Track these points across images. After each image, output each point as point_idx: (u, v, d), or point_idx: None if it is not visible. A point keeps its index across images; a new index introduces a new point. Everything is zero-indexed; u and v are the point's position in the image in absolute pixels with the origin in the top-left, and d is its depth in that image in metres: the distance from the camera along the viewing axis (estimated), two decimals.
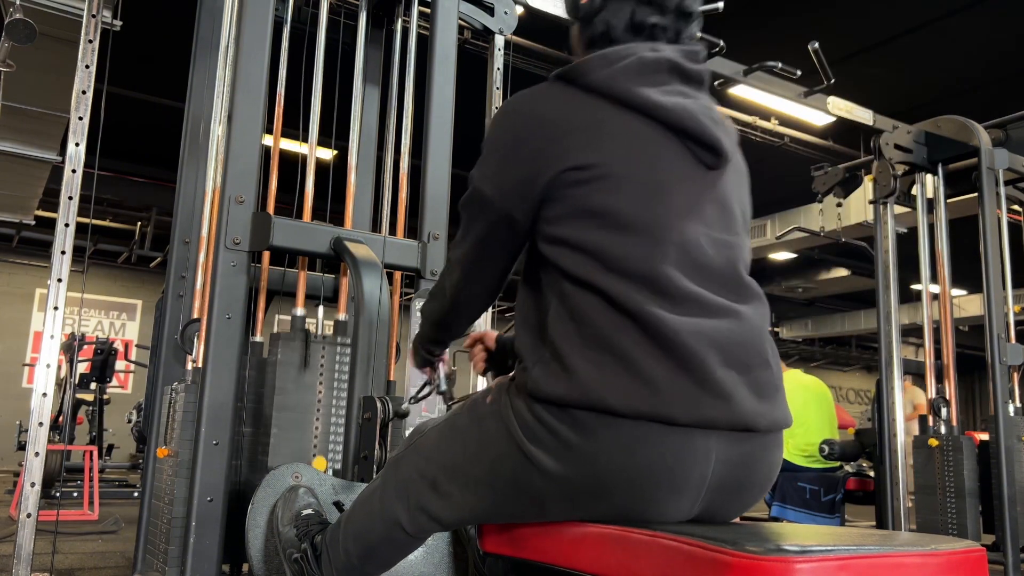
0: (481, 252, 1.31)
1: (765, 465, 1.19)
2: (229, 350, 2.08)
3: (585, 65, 1.24)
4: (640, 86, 1.21)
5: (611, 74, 1.21)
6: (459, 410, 1.35)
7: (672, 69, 1.25)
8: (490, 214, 1.26)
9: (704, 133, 1.21)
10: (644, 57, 1.23)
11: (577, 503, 1.15)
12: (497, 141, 1.27)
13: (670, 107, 1.20)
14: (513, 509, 1.24)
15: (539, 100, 1.25)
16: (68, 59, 2.83)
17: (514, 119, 1.26)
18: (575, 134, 1.19)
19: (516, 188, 1.22)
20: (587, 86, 1.22)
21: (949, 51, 6.25)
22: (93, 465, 5.48)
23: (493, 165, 1.26)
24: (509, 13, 3.11)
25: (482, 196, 1.26)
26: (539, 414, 1.15)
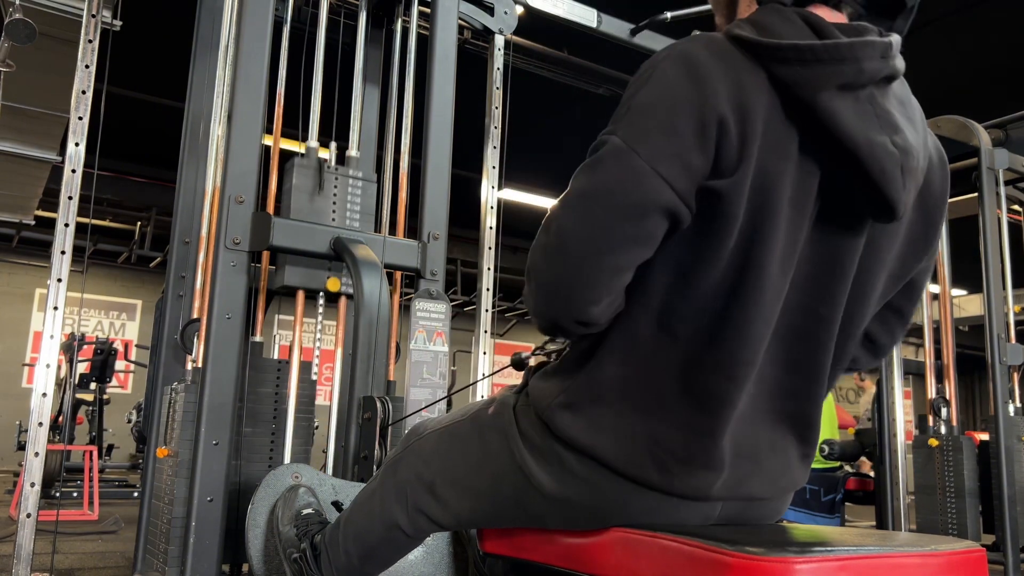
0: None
1: (773, 509, 1.17)
2: (229, 350, 2.08)
3: (783, 47, 0.96)
4: (858, 121, 0.97)
5: (814, 77, 0.96)
6: (460, 416, 1.32)
7: (873, 76, 0.99)
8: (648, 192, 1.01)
9: (887, 191, 0.99)
10: (865, 68, 0.97)
11: (575, 522, 1.14)
12: (644, 101, 1.00)
13: (878, 145, 0.97)
14: (512, 520, 1.23)
15: (702, 62, 0.98)
16: (68, 59, 2.83)
17: (670, 77, 0.99)
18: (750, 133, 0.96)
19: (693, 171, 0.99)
20: (778, 76, 0.97)
21: (949, 51, 6.25)
22: (93, 465, 5.49)
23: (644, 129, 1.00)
24: (509, 13, 3.12)
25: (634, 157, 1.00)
26: (549, 443, 1.10)
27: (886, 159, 0.98)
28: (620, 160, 0.97)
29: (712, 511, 1.08)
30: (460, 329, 6.98)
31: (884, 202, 1.00)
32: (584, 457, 1.07)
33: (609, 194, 0.97)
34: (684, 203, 0.97)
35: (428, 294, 2.46)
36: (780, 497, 1.15)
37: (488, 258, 3.05)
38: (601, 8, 3.54)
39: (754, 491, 1.08)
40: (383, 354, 2.15)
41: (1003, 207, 4.37)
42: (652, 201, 0.96)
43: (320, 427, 2.99)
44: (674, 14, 3.48)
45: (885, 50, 1.00)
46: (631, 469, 1.04)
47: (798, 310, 1.06)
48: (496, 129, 3.10)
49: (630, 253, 0.99)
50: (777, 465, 1.10)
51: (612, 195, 0.97)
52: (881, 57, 0.99)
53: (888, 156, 0.98)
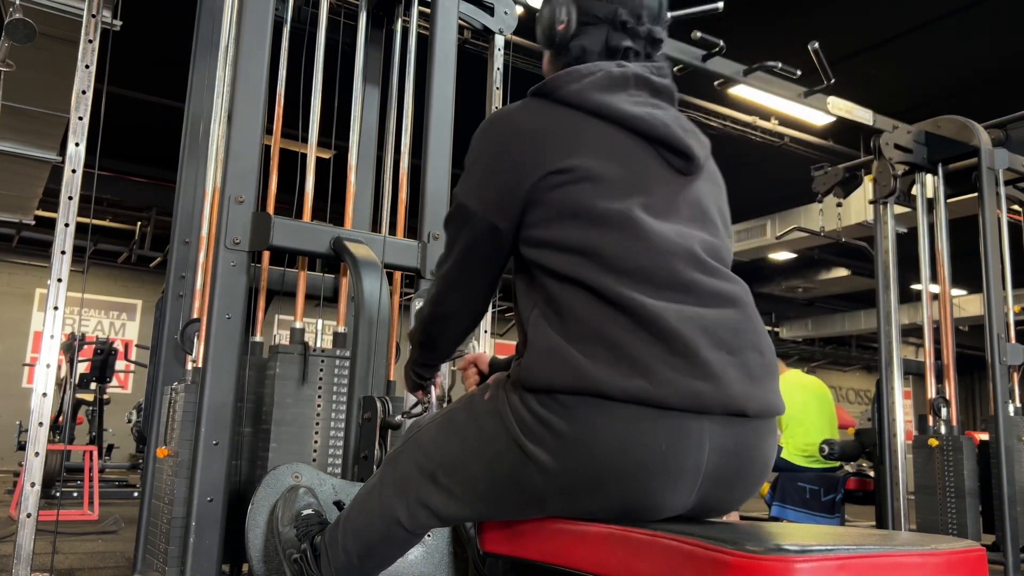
0: (466, 264, 1.35)
1: (760, 452, 1.20)
2: (229, 350, 2.08)
3: (556, 80, 1.30)
4: (611, 96, 1.27)
5: (582, 87, 1.28)
6: (457, 405, 1.36)
7: (640, 82, 1.31)
8: (475, 226, 1.30)
9: (675, 140, 1.27)
10: (611, 71, 1.30)
11: (575, 498, 1.16)
12: (479, 155, 1.33)
13: (641, 115, 1.26)
14: (512, 505, 1.24)
15: (516, 114, 1.31)
16: (68, 59, 2.84)
17: (493, 133, 1.32)
18: (553, 142, 1.25)
19: (499, 198, 1.27)
20: (561, 99, 1.29)
21: (949, 51, 6.25)
22: (93, 465, 5.49)
23: (476, 178, 1.32)
24: (509, 13, 3.12)
25: (465, 209, 1.31)
26: (532, 406, 1.17)
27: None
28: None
29: (701, 430, 1.12)
30: None
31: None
32: (569, 405, 1.13)
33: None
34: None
35: (424, 299, 2.46)
36: (764, 427, 1.19)
37: None
38: None
39: (736, 391, 1.14)
40: (383, 354, 2.15)
41: (1003, 207, 4.37)
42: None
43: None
44: (674, 14, 3.48)
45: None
46: (608, 382, 1.11)
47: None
48: None
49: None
50: (752, 359, 1.18)
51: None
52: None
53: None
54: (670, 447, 1.11)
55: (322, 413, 2.29)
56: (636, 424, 1.11)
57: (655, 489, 1.12)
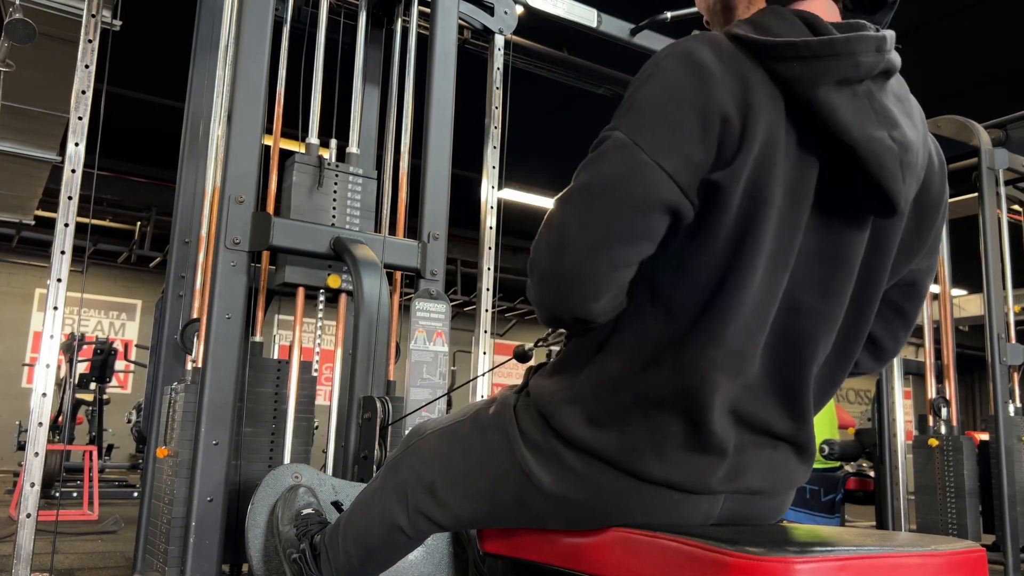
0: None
1: (774, 510, 1.16)
2: (229, 350, 2.08)
3: (783, 45, 0.98)
4: (856, 115, 0.98)
5: (815, 73, 0.97)
6: (461, 416, 1.32)
7: (871, 69, 1.00)
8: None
9: (889, 183, 0.99)
10: (860, 60, 0.98)
11: (577, 522, 1.14)
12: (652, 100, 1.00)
13: (878, 140, 0.98)
14: (513, 519, 1.23)
15: (704, 59, 0.98)
16: (68, 59, 2.83)
17: (673, 75, 0.99)
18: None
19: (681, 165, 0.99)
20: (779, 75, 0.98)
21: (949, 51, 6.25)
22: (93, 465, 5.49)
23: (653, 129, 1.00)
24: (509, 13, 3.12)
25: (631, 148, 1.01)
26: (549, 441, 1.10)
27: (884, 154, 0.98)
28: (623, 154, 0.97)
29: (713, 508, 1.08)
30: (460, 329, 6.98)
31: (883, 196, 1.00)
32: (584, 454, 1.06)
33: (611, 188, 0.97)
34: (687, 197, 0.97)
35: (428, 294, 2.46)
36: (781, 493, 1.14)
37: (488, 258, 3.05)
38: (601, 8, 3.54)
39: (754, 483, 1.07)
40: (383, 354, 2.15)
41: (1003, 207, 4.37)
42: (654, 195, 0.96)
43: (320, 427, 2.99)
44: (674, 14, 3.48)
45: (880, 44, 1.01)
46: (631, 461, 1.04)
47: (801, 308, 1.06)
48: (496, 129, 3.10)
49: (632, 248, 0.99)
50: (777, 457, 1.10)
51: (614, 189, 0.97)
52: (876, 51, 1.00)
53: (886, 151, 0.98)
54: (682, 510, 1.07)
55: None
56: (647, 491, 1.06)
57: (660, 524, 1.10)
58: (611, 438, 1.04)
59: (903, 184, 1.00)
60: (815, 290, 1.06)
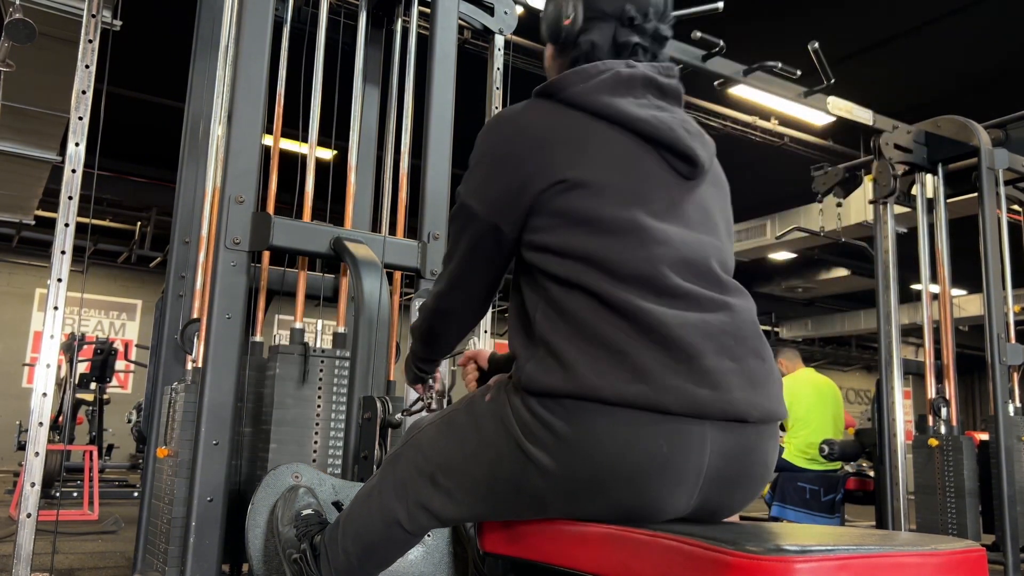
0: (469, 264, 1.35)
1: (760, 456, 1.20)
2: (229, 350, 2.08)
3: (564, 80, 1.29)
4: (617, 99, 1.26)
5: (588, 88, 1.27)
6: (457, 406, 1.35)
7: (647, 83, 1.30)
8: (477, 226, 1.30)
9: (679, 144, 1.26)
10: (620, 72, 1.28)
11: (576, 500, 1.16)
12: (483, 155, 1.31)
13: (646, 119, 1.25)
14: (513, 507, 1.24)
15: (522, 115, 1.29)
16: (68, 59, 2.84)
17: (498, 133, 1.31)
18: (558, 146, 1.24)
19: (502, 200, 1.26)
20: (567, 100, 1.27)
21: (949, 51, 6.25)
22: (93, 465, 5.49)
23: (479, 178, 1.30)
24: (509, 13, 3.12)
25: (469, 209, 1.30)
26: (534, 409, 1.17)
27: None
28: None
29: (704, 440, 1.12)
30: None
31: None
32: (567, 401, 1.14)
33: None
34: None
35: (428, 294, 2.46)
36: (765, 431, 1.19)
37: None
38: None
39: (738, 398, 1.13)
40: (383, 354, 2.15)
41: (1003, 207, 4.37)
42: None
43: None
44: (675, 14, 3.47)
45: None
46: (608, 389, 1.11)
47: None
48: None
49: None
50: (754, 365, 1.18)
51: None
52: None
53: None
54: (671, 451, 1.11)
55: (322, 414, 2.28)
56: (637, 428, 1.11)
57: (655, 492, 1.12)
58: (586, 376, 1.13)
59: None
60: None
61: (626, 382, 1.11)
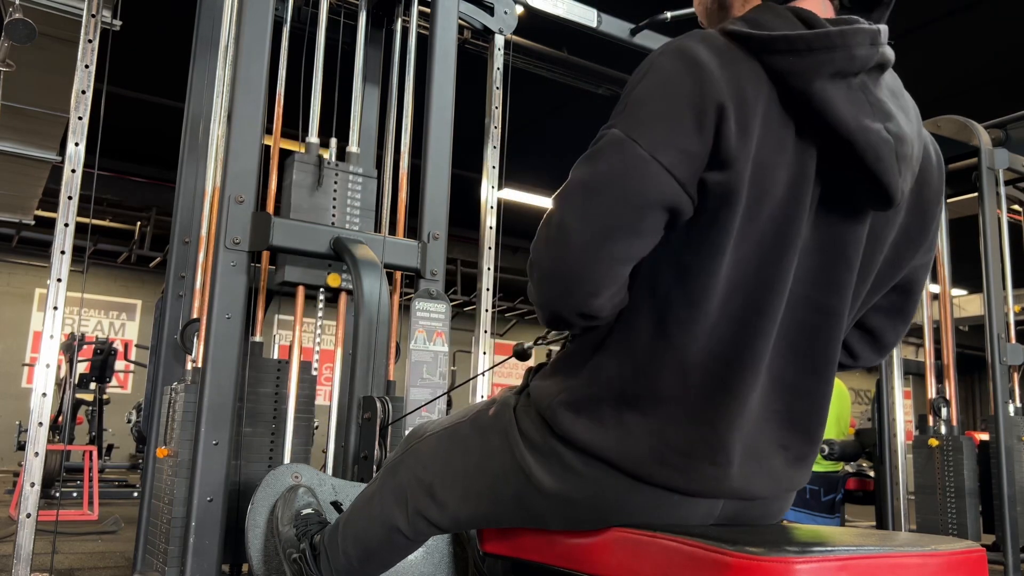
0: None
1: (775, 512, 1.16)
2: (229, 350, 2.08)
3: (779, 40, 0.98)
4: (851, 107, 0.98)
5: (807, 67, 0.97)
6: (461, 418, 1.32)
7: (880, 67, 1.03)
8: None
9: (885, 176, 1.00)
10: (855, 52, 0.98)
11: (577, 523, 1.13)
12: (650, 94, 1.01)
13: (873, 132, 0.99)
14: (513, 519, 1.22)
15: (705, 57, 0.98)
16: (68, 59, 2.83)
17: (671, 67, 0.99)
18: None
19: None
20: (777, 71, 0.98)
21: (949, 51, 6.24)
22: (93, 465, 5.49)
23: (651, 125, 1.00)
24: (509, 13, 3.12)
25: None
26: (549, 441, 1.10)
27: (880, 145, 0.99)
28: (620, 150, 0.97)
29: (713, 509, 1.07)
30: (460, 329, 6.98)
31: (880, 189, 1.01)
32: (585, 455, 1.06)
33: (609, 183, 0.97)
34: (685, 192, 0.97)
35: (428, 294, 2.46)
36: (782, 497, 1.14)
37: (488, 258, 3.05)
38: (601, 8, 3.54)
39: (756, 489, 1.07)
40: (383, 354, 2.15)
41: (1003, 207, 4.37)
42: (652, 189, 0.96)
43: (320, 427, 2.99)
44: (674, 14, 3.48)
45: (874, 37, 1.01)
46: (632, 466, 1.03)
47: (804, 303, 1.06)
48: (496, 129, 3.10)
49: (631, 243, 0.99)
50: (780, 463, 1.09)
51: (612, 184, 0.97)
52: (871, 44, 1.00)
53: (882, 142, 0.99)
54: (682, 512, 1.07)
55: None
56: (647, 492, 1.06)
57: (659, 524, 1.09)
58: (611, 440, 1.04)
59: (899, 176, 1.01)
60: (820, 286, 1.06)
61: (652, 467, 1.03)
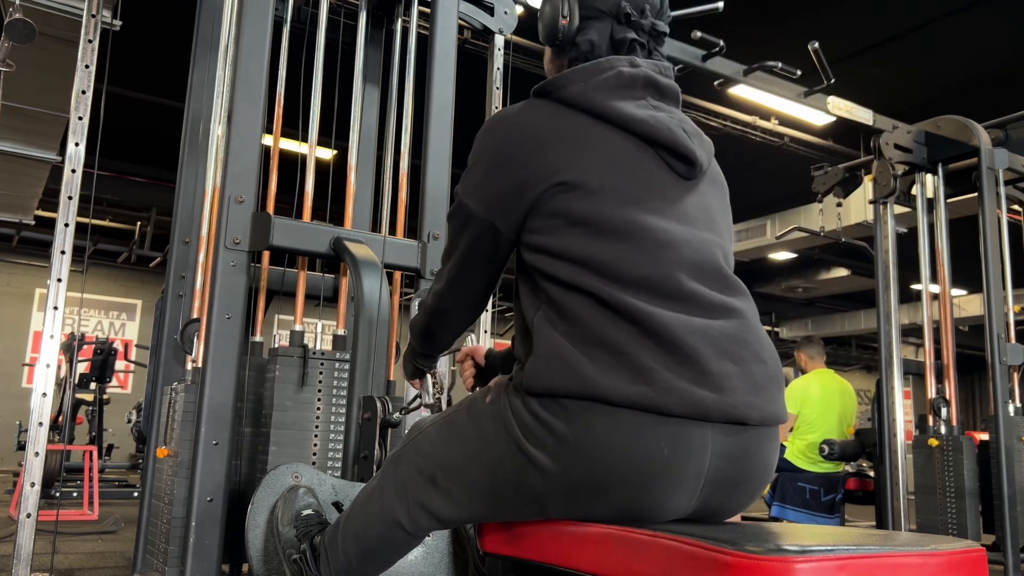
0: (466, 263, 1.35)
1: (761, 458, 1.20)
2: (229, 350, 2.08)
3: (563, 79, 1.28)
4: (616, 100, 1.26)
5: (588, 88, 1.26)
6: (458, 408, 1.35)
7: (647, 83, 1.30)
8: (475, 226, 1.30)
9: (678, 144, 1.25)
10: (623, 72, 1.28)
11: (576, 502, 1.16)
12: (481, 154, 1.31)
13: (644, 119, 1.25)
14: (513, 508, 1.24)
15: (520, 115, 1.29)
16: (68, 59, 2.84)
17: (497, 133, 1.31)
18: (556, 147, 1.23)
19: (500, 200, 1.26)
20: (566, 100, 1.27)
21: (949, 51, 6.24)
22: (93, 465, 5.49)
23: (477, 178, 1.30)
24: (509, 13, 3.12)
25: (467, 209, 1.30)
26: (534, 409, 1.17)
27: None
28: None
29: (704, 439, 1.12)
30: None
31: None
32: (568, 401, 1.13)
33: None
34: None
35: (427, 292, 2.46)
36: (769, 421, 1.18)
37: None
38: None
39: (739, 400, 1.13)
40: (383, 354, 2.15)
41: (1003, 207, 4.37)
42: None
43: None
44: (674, 14, 3.48)
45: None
46: (612, 388, 1.11)
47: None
48: None
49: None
50: (753, 371, 1.17)
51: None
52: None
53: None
54: (672, 452, 1.11)
55: (321, 416, 2.28)
56: (638, 429, 1.11)
57: (656, 493, 1.12)
58: (589, 375, 1.13)
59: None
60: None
61: (628, 382, 1.11)
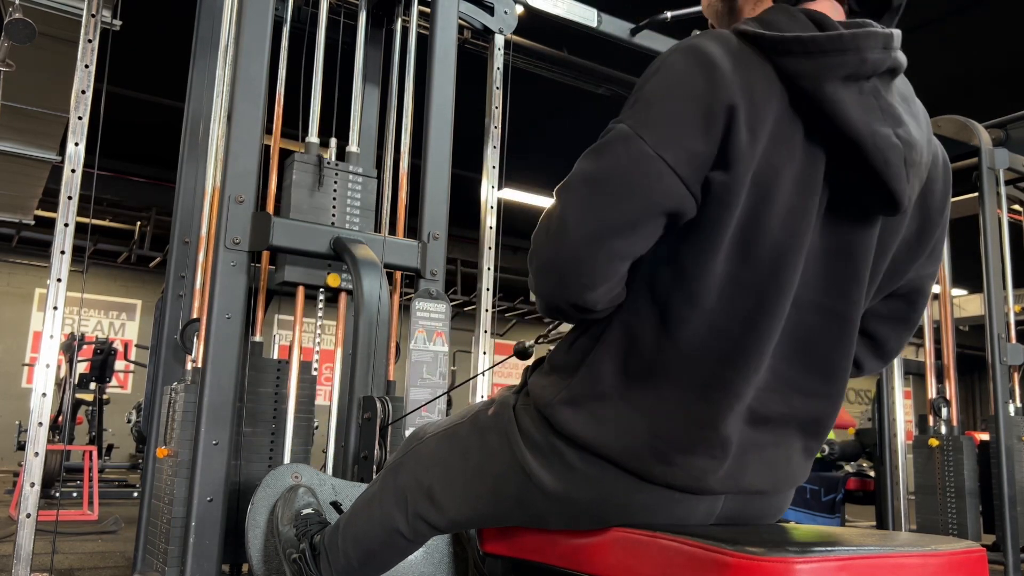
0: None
1: (774, 510, 1.16)
2: (229, 350, 2.08)
3: (792, 41, 0.97)
4: (862, 111, 0.97)
5: (819, 69, 0.96)
6: (460, 419, 1.32)
7: (892, 72, 1.02)
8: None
9: (894, 182, 0.99)
10: (866, 56, 0.98)
11: (577, 523, 1.13)
12: (656, 94, 1.01)
13: (883, 136, 0.98)
14: (513, 520, 1.22)
15: (719, 57, 0.98)
16: (68, 59, 2.83)
17: (680, 66, 0.99)
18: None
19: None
20: (789, 73, 0.98)
21: (949, 51, 6.24)
22: (93, 465, 5.49)
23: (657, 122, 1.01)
24: (509, 13, 3.12)
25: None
26: (552, 441, 1.10)
27: (889, 150, 0.98)
28: (626, 145, 0.97)
29: (713, 507, 1.08)
30: (460, 329, 6.98)
31: (887, 194, 1.00)
32: (586, 453, 1.06)
33: (612, 178, 0.97)
34: (688, 191, 0.97)
35: (428, 294, 2.46)
36: (781, 492, 1.14)
37: (488, 258, 3.05)
38: (601, 8, 3.54)
39: (754, 482, 1.07)
40: (383, 354, 2.15)
41: (1003, 207, 4.37)
42: (656, 187, 0.96)
43: (320, 427, 2.99)
44: (674, 14, 3.48)
45: (887, 41, 1.01)
46: (632, 462, 1.03)
47: (812, 307, 1.05)
48: (496, 129, 3.10)
49: (629, 239, 0.98)
50: (779, 456, 1.09)
51: (614, 179, 0.97)
52: (883, 48, 1.00)
53: (891, 147, 0.98)
54: (682, 510, 1.07)
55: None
56: (649, 491, 1.06)
57: (660, 524, 1.09)
58: (611, 437, 1.04)
59: (907, 182, 1.00)
60: (828, 291, 1.06)
61: (652, 464, 1.03)
